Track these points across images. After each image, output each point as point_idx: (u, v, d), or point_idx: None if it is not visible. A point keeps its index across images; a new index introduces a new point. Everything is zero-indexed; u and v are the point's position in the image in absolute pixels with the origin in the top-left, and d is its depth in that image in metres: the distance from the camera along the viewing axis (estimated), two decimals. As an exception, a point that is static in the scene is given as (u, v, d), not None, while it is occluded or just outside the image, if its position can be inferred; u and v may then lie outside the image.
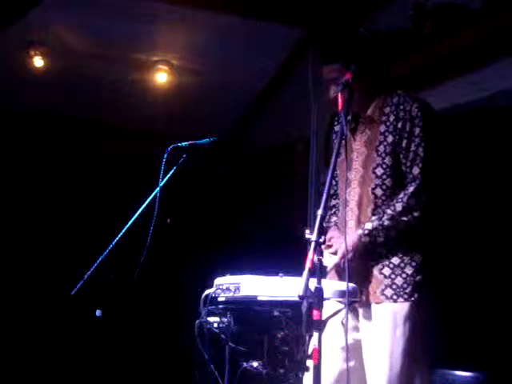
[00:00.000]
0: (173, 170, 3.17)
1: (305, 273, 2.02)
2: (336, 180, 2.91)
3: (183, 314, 3.18)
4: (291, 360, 2.26)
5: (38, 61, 5.51)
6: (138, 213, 3.08)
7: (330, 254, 2.69)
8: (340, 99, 2.44)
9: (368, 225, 2.65)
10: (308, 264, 2.04)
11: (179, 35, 5.43)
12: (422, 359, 2.67)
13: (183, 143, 3.18)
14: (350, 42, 2.79)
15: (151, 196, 3.10)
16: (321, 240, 2.10)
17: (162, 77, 5.86)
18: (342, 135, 2.37)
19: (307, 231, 2.23)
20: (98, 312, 3.08)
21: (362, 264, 2.68)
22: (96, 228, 5.92)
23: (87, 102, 6.13)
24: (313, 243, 2.08)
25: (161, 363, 5.69)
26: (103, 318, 3.07)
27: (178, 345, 4.40)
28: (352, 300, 2.52)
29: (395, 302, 2.63)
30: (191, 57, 5.75)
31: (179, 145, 3.17)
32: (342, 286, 2.35)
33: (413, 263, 2.66)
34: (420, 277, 2.65)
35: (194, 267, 5.86)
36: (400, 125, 2.68)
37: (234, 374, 2.38)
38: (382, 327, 2.64)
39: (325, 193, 2.22)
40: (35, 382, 5.55)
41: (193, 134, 3.29)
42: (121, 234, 3.03)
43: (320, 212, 2.15)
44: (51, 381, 5.50)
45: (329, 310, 2.46)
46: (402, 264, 2.66)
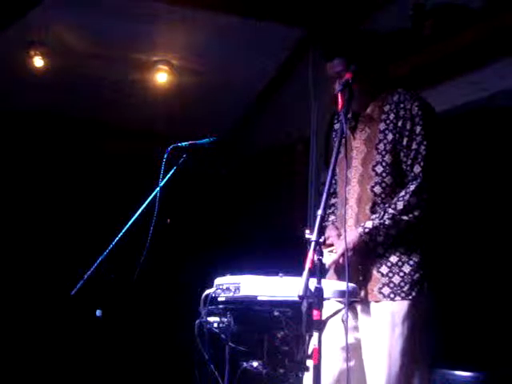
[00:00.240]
0: (173, 170, 3.17)
1: (305, 273, 2.02)
2: (335, 178, 2.91)
3: (183, 314, 3.18)
4: (291, 360, 2.26)
5: (38, 61, 5.51)
6: (138, 213, 3.08)
7: (329, 252, 2.69)
8: (340, 99, 2.44)
9: (368, 223, 2.65)
10: (308, 264, 2.04)
11: (179, 35, 5.44)
12: (421, 359, 2.67)
13: (183, 143, 3.18)
14: (353, 38, 2.81)
15: (151, 196, 3.10)
16: (321, 240, 2.10)
17: (162, 77, 5.87)
18: (342, 134, 2.37)
19: (307, 231, 2.23)
20: (98, 312, 3.08)
21: (360, 262, 2.69)
22: (96, 228, 5.92)
23: (87, 102, 6.13)
24: (313, 243, 2.08)
25: (161, 363, 5.68)
26: (103, 318, 3.07)
27: (178, 345, 4.40)
28: (352, 300, 2.52)
29: (393, 301, 2.64)
30: (191, 57, 5.75)
31: (179, 145, 3.17)
32: (342, 286, 2.35)
33: (411, 262, 2.66)
34: (418, 275, 2.65)
35: (194, 267, 5.86)
36: (400, 123, 2.69)
37: (234, 374, 2.38)
38: (381, 327, 2.64)
39: (325, 192, 2.22)
40: (35, 382, 5.55)
41: (193, 134, 3.30)
42: (121, 234, 3.03)
43: (320, 212, 2.15)
44: (51, 381, 5.50)
45: (329, 310, 2.47)
46: (400, 262, 2.66)
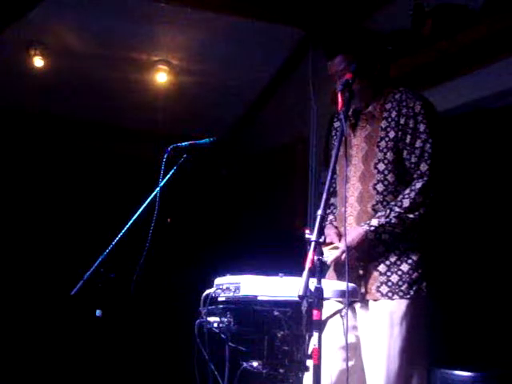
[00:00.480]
0: (173, 170, 3.17)
1: (305, 273, 2.03)
2: (335, 177, 2.91)
3: (183, 314, 3.19)
4: (291, 360, 2.25)
5: (38, 61, 5.51)
6: (139, 213, 3.08)
7: (330, 250, 2.69)
8: (340, 98, 2.44)
9: (374, 221, 2.64)
10: (308, 264, 2.04)
11: (179, 35, 5.44)
12: (420, 358, 2.67)
13: (183, 143, 3.18)
14: (354, 35, 2.82)
15: (151, 196, 3.10)
16: (321, 240, 2.10)
17: (162, 77, 5.87)
18: (342, 133, 2.37)
19: (307, 231, 2.23)
20: (98, 312, 3.08)
21: (360, 260, 2.68)
22: (96, 228, 5.92)
23: (87, 103, 6.13)
24: (313, 243, 2.08)
25: (161, 363, 5.68)
26: (103, 318, 3.07)
27: (178, 345, 4.40)
28: (352, 300, 2.52)
29: (391, 300, 2.64)
30: (191, 57, 5.75)
31: (179, 145, 3.17)
32: (342, 286, 2.35)
33: (409, 260, 2.66)
34: (417, 274, 2.65)
35: (194, 267, 5.86)
36: (403, 121, 2.68)
37: (234, 374, 2.38)
38: (379, 326, 2.64)
39: (325, 192, 2.22)
40: (35, 382, 5.55)
41: (193, 134, 3.30)
42: (121, 234, 3.03)
43: (320, 212, 2.15)
44: (51, 381, 5.50)
45: (328, 310, 2.47)
46: (399, 261, 2.66)
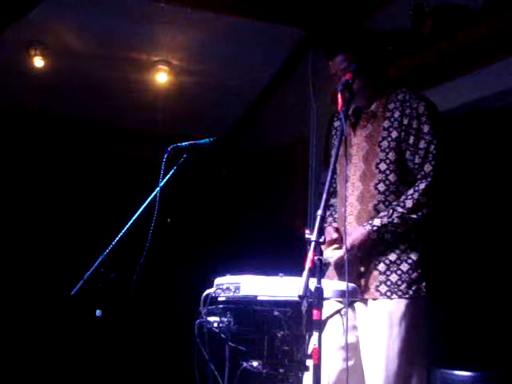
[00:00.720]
0: (173, 170, 3.17)
1: (305, 273, 2.03)
2: (335, 177, 2.91)
3: (183, 314, 3.19)
4: (291, 360, 2.26)
5: (38, 61, 5.51)
6: (139, 213, 3.08)
7: (333, 250, 2.69)
8: (340, 99, 2.44)
9: (377, 221, 2.64)
10: (308, 264, 2.04)
11: (179, 35, 5.44)
12: (419, 358, 2.67)
13: (183, 143, 3.18)
14: (354, 34, 2.82)
15: (151, 196, 3.10)
16: (321, 240, 2.10)
17: (162, 77, 5.87)
18: (342, 133, 2.37)
19: (307, 231, 2.23)
20: (98, 312, 3.08)
21: (360, 259, 2.68)
22: (96, 228, 5.92)
23: (87, 103, 6.13)
24: (313, 243, 2.08)
25: (161, 363, 5.68)
26: (103, 318, 3.07)
27: (178, 344, 4.40)
28: (352, 300, 2.52)
29: (390, 299, 2.63)
30: (191, 57, 5.75)
31: (179, 145, 3.17)
32: (342, 286, 2.35)
33: (409, 260, 2.66)
34: (416, 274, 2.65)
35: (194, 267, 5.86)
36: (406, 121, 2.68)
37: (234, 374, 2.38)
38: (378, 326, 2.64)
39: (325, 192, 2.22)
40: (35, 382, 5.55)
41: (193, 134, 3.30)
42: (121, 234, 3.03)
43: (320, 212, 2.15)
44: (51, 381, 5.50)
45: (328, 310, 2.47)
46: (399, 261, 2.66)
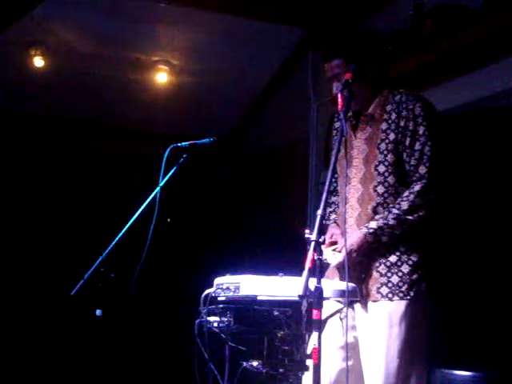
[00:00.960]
0: (173, 170, 3.17)
1: (305, 272, 2.02)
2: (336, 177, 2.91)
3: (183, 314, 3.19)
4: (291, 360, 2.26)
5: (38, 61, 5.52)
6: (139, 213, 3.08)
7: (333, 252, 2.68)
8: (340, 99, 2.44)
9: (373, 223, 2.64)
10: (308, 264, 2.04)
11: (179, 35, 5.44)
12: (419, 359, 2.66)
13: (183, 143, 3.18)
14: (352, 38, 2.81)
15: (151, 196, 3.10)
16: (320, 240, 2.10)
17: (162, 77, 5.87)
18: (343, 133, 2.37)
19: (307, 231, 2.23)
20: (98, 312, 3.08)
21: (361, 261, 2.68)
22: (96, 228, 5.93)
23: (87, 103, 6.13)
24: (312, 243, 2.08)
25: (161, 363, 5.69)
26: (103, 318, 3.07)
27: (178, 344, 4.40)
28: (351, 300, 2.52)
29: (391, 301, 2.63)
30: (191, 57, 5.76)
31: (179, 145, 3.17)
32: (342, 286, 2.35)
33: (410, 262, 2.65)
34: (416, 275, 2.64)
35: (194, 267, 5.86)
36: (403, 123, 2.68)
37: (234, 374, 2.38)
38: (378, 327, 2.63)
39: (325, 191, 2.21)
40: (36, 382, 5.55)
41: (193, 134, 3.30)
42: (121, 234, 3.03)
43: (320, 212, 2.15)
44: (52, 380, 5.51)
45: (328, 310, 2.47)
46: (399, 262, 2.66)
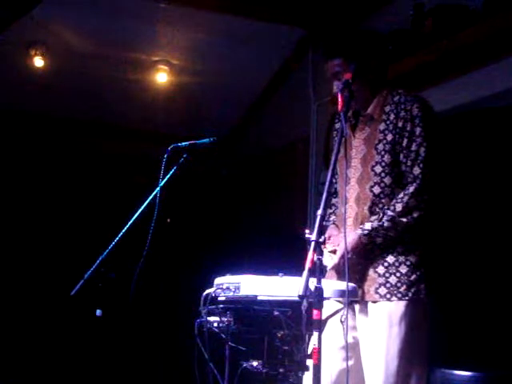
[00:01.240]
0: (173, 170, 3.17)
1: (305, 273, 2.02)
2: (336, 178, 2.91)
3: (183, 314, 3.19)
4: (291, 360, 2.26)
5: (38, 61, 5.52)
6: (139, 213, 3.08)
7: (330, 254, 2.69)
8: (340, 99, 2.44)
9: (367, 225, 2.64)
10: (308, 264, 2.04)
11: (179, 35, 5.44)
12: (419, 359, 2.66)
13: (183, 143, 3.18)
14: (353, 38, 2.81)
15: (151, 196, 3.10)
16: (321, 240, 2.10)
17: (162, 77, 5.87)
18: (342, 133, 2.37)
19: (307, 231, 2.23)
20: (98, 312, 3.08)
21: (358, 262, 2.68)
22: (96, 228, 5.93)
23: (87, 102, 6.13)
24: (313, 243, 2.08)
25: (161, 362, 5.69)
26: (103, 318, 3.07)
27: (178, 344, 4.41)
28: (351, 300, 2.52)
29: (389, 301, 2.63)
30: (191, 57, 5.76)
31: (179, 145, 3.17)
32: (342, 286, 2.35)
33: (408, 262, 2.65)
34: (415, 276, 2.64)
35: (195, 267, 5.86)
36: (400, 124, 2.68)
37: (234, 374, 2.38)
38: (378, 327, 2.63)
39: (325, 191, 2.22)
40: (36, 382, 5.55)
41: (193, 134, 3.30)
42: (121, 234, 3.04)
43: (320, 212, 2.15)
44: (52, 380, 5.51)
45: (328, 310, 2.46)
46: (397, 263, 2.66)
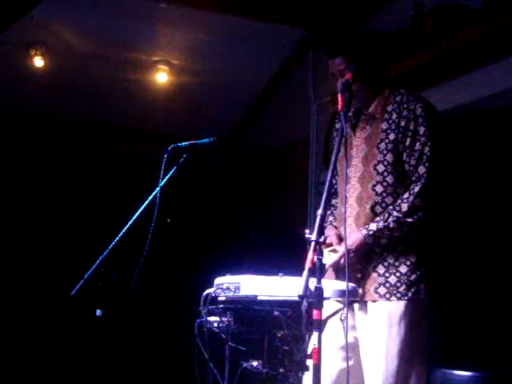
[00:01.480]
0: (173, 170, 3.17)
1: (305, 273, 2.02)
2: (336, 178, 2.91)
3: (183, 314, 3.19)
4: (291, 360, 2.26)
5: (38, 61, 5.52)
6: (139, 213, 3.08)
7: (329, 253, 2.69)
8: (340, 99, 2.44)
9: (373, 225, 2.64)
10: (308, 264, 2.04)
11: (179, 35, 5.44)
12: (418, 359, 2.66)
13: (183, 143, 3.18)
14: (354, 37, 2.82)
15: (151, 196, 3.10)
16: (321, 240, 2.10)
17: (162, 77, 5.87)
18: (342, 134, 2.37)
19: (307, 231, 2.23)
20: (98, 312, 3.08)
21: (358, 262, 2.68)
22: (96, 228, 5.93)
23: (87, 102, 6.13)
24: (313, 243, 2.08)
25: (161, 363, 5.69)
26: (103, 318, 3.07)
27: (178, 344, 4.41)
28: (351, 300, 2.52)
29: (389, 301, 2.64)
30: (191, 57, 5.75)
31: (179, 145, 3.17)
32: (342, 286, 2.35)
33: (408, 262, 2.66)
34: (415, 276, 2.65)
35: (194, 267, 5.86)
36: (403, 123, 2.68)
37: (234, 374, 2.38)
38: (378, 327, 2.63)
39: (325, 191, 2.21)
40: (36, 382, 5.55)
41: (193, 134, 3.30)
42: (121, 234, 3.03)
43: (320, 212, 2.15)
44: (52, 380, 5.51)
45: (328, 310, 2.46)
46: (397, 263, 2.66)
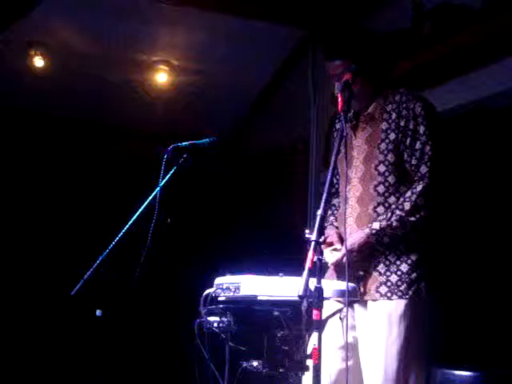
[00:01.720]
0: (173, 170, 3.17)
1: (305, 273, 2.03)
2: (337, 178, 2.91)
3: (183, 314, 3.19)
4: (291, 360, 2.26)
5: (38, 61, 5.52)
6: (139, 213, 3.08)
7: (332, 251, 2.69)
8: (340, 99, 2.44)
9: (376, 224, 2.64)
10: (308, 264, 2.04)
11: (179, 35, 5.44)
12: (418, 358, 2.67)
13: (183, 143, 3.18)
14: (353, 39, 2.82)
15: (151, 196, 3.10)
16: (321, 240, 2.10)
17: (162, 77, 5.87)
18: (343, 133, 2.37)
19: (307, 231, 2.23)
20: (98, 312, 3.08)
21: (360, 261, 2.68)
22: (96, 228, 5.92)
23: (87, 103, 6.13)
24: (313, 243, 2.08)
25: (161, 363, 5.69)
26: (103, 318, 3.07)
27: (178, 344, 4.40)
28: (352, 300, 2.52)
29: (390, 300, 2.64)
30: (191, 57, 5.75)
31: (179, 145, 3.17)
32: (342, 286, 2.35)
33: (409, 261, 2.66)
34: (415, 275, 2.65)
35: (194, 267, 5.86)
36: (403, 123, 2.68)
37: (234, 374, 2.38)
38: (378, 327, 2.64)
39: (325, 192, 2.22)
40: (36, 382, 5.55)
41: (193, 134, 3.30)
42: (121, 234, 3.03)
43: (320, 212, 2.15)
44: (52, 381, 5.51)
45: (328, 310, 2.47)
46: (398, 261, 2.66)
